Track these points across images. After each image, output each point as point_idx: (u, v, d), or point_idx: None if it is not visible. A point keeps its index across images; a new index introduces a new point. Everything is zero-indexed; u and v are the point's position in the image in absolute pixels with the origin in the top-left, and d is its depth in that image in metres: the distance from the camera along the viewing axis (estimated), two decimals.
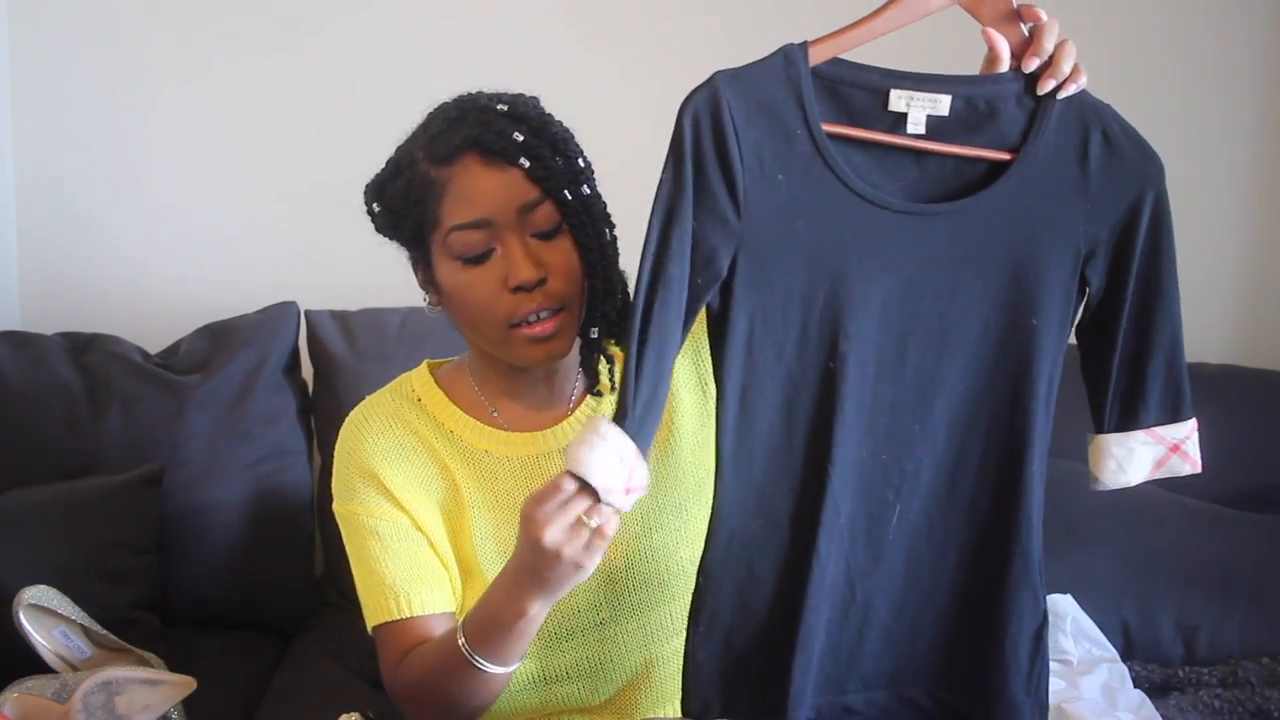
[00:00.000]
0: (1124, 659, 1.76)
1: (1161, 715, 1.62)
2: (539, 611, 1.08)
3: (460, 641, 1.11)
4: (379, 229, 1.23)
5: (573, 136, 1.21)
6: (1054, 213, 1.04)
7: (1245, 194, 2.27)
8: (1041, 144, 1.03)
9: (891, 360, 1.06)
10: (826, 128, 1.02)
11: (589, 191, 1.19)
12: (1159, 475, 1.12)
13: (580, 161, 1.19)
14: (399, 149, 1.20)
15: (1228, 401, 1.95)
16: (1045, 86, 1.03)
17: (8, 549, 1.70)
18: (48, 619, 1.58)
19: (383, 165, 1.22)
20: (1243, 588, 1.83)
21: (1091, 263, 1.06)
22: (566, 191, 1.16)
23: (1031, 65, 1.03)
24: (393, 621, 1.21)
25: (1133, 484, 1.12)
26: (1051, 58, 1.03)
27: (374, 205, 1.21)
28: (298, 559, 2.01)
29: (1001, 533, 1.10)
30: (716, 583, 1.09)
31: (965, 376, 1.07)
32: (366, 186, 1.23)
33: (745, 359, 1.05)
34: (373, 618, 1.23)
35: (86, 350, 2.03)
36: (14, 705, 1.44)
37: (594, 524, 1.01)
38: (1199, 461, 1.12)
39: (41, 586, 1.60)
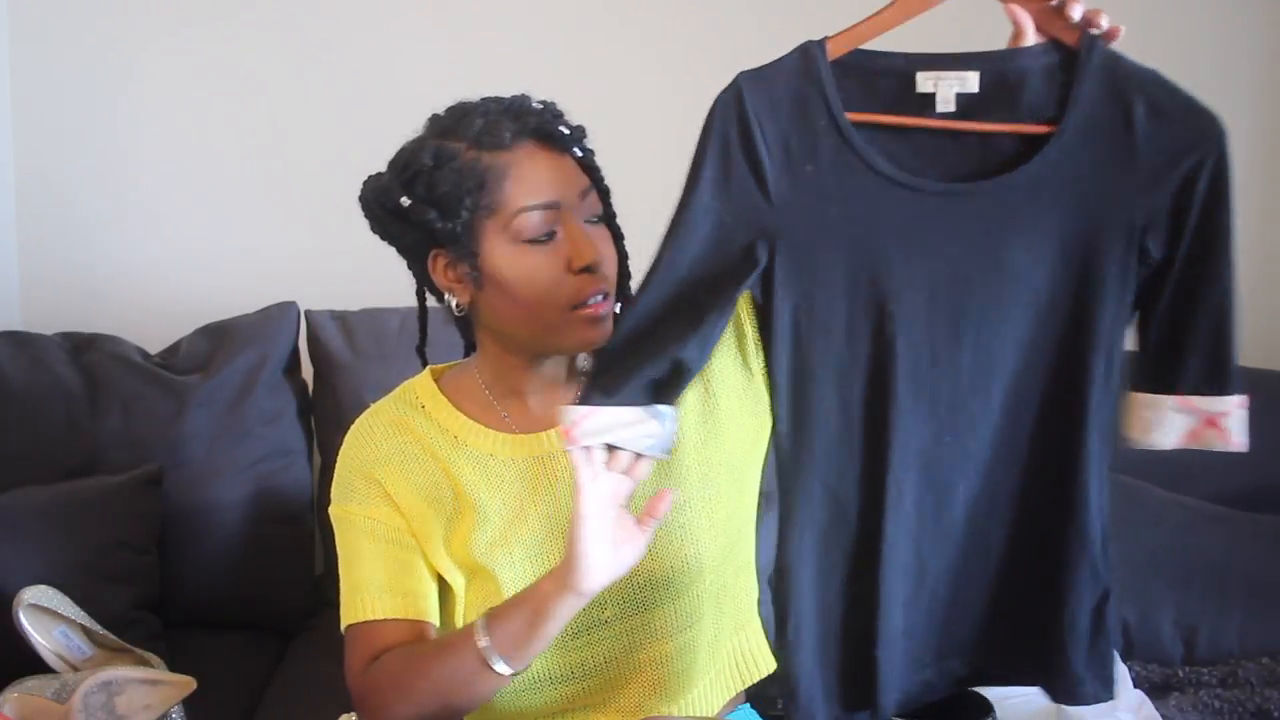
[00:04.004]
0: (1124, 659, 1.76)
1: (1161, 715, 1.62)
2: (556, 604, 1.10)
3: (479, 638, 1.13)
4: (399, 225, 1.20)
5: None
6: (1102, 185, 1.03)
7: (1245, 194, 2.26)
8: (1079, 115, 1.02)
9: (946, 343, 1.06)
10: (853, 116, 1.03)
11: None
12: (1193, 446, 1.09)
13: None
14: (418, 151, 1.18)
15: None
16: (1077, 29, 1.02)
17: (8, 549, 1.70)
18: (48, 619, 1.58)
19: (387, 170, 1.21)
20: (1242, 588, 1.83)
21: (1151, 234, 1.04)
22: (603, 180, 1.21)
23: (1075, 11, 1.02)
24: (373, 621, 1.22)
25: (1160, 448, 1.09)
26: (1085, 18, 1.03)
27: (402, 199, 1.17)
28: (298, 559, 2.01)
29: (1057, 509, 1.09)
30: (795, 579, 1.09)
31: (1020, 354, 1.06)
32: (379, 187, 1.20)
33: (793, 350, 1.07)
34: (355, 614, 1.23)
35: (86, 350, 2.03)
36: (14, 705, 1.45)
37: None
38: (1242, 442, 1.08)
39: (41, 586, 1.60)
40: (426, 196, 1.17)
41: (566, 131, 1.18)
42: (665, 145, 2.19)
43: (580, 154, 1.19)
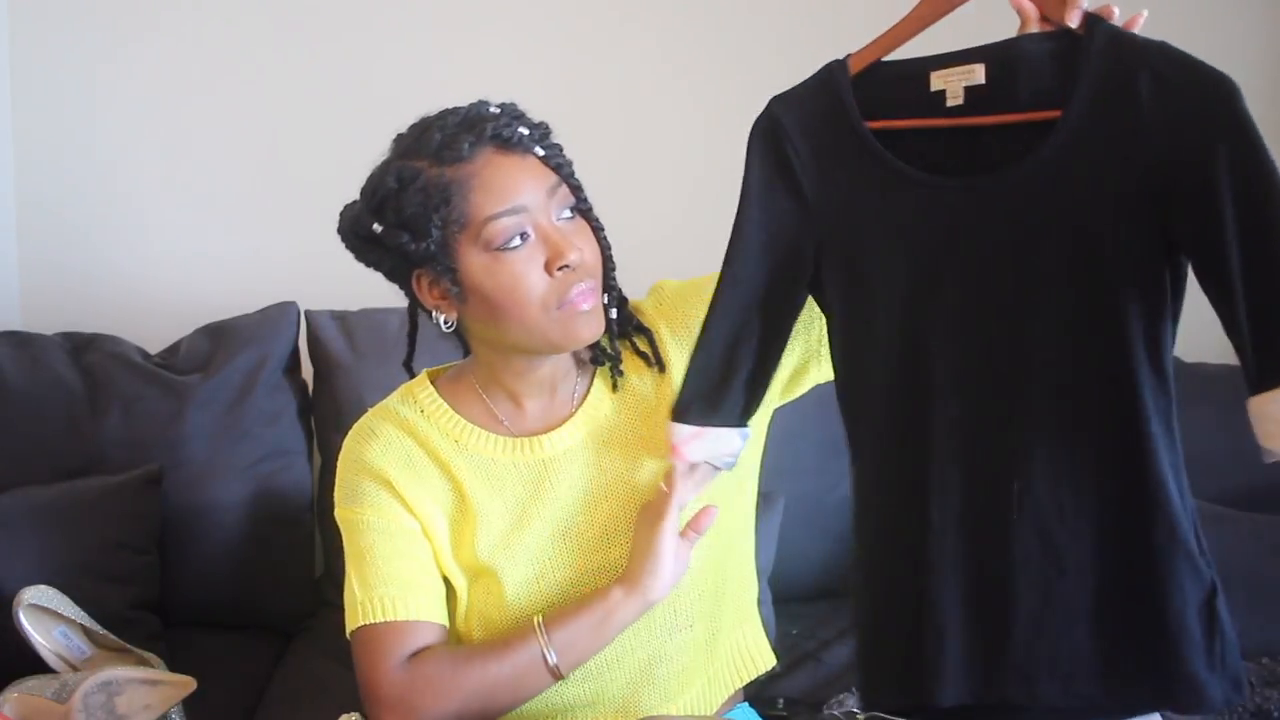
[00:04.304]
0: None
1: (1161, 715, 1.62)
2: (625, 611, 1.19)
3: (540, 640, 1.18)
4: (377, 251, 1.20)
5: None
6: (1113, 162, 1.00)
7: None
8: (1083, 96, 1.00)
9: (976, 337, 1.06)
10: (872, 125, 1.08)
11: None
12: None
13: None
14: (383, 175, 1.18)
15: (1228, 401, 1.92)
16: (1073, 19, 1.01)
17: (8, 549, 1.70)
18: (48, 619, 1.58)
19: (359, 199, 1.21)
20: (1242, 588, 1.82)
21: (1172, 208, 0.99)
22: (572, 174, 1.21)
23: (1074, 19, 1.01)
24: (397, 622, 1.22)
25: None
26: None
27: (374, 225, 1.18)
28: (298, 559, 2.01)
29: (1135, 503, 1.04)
30: (864, 568, 1.15)
31: (1054, 345, 1.04)
32: (352, 217, 1.21)
33: (842, 345, 1.14)
34: (374, 614, 1.23)
35: (86, 350, 2.03)
36: (14, 705, 1.45)
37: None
38: None
39: (41, 586, 1.60)
40: (396, 220, 1.17)
41: (526, 131, 1.18)
42: (664, 142, 2.20)
43: (543, 152, 1.19)
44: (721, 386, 1.16)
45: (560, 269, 1.17)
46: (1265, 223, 0.96)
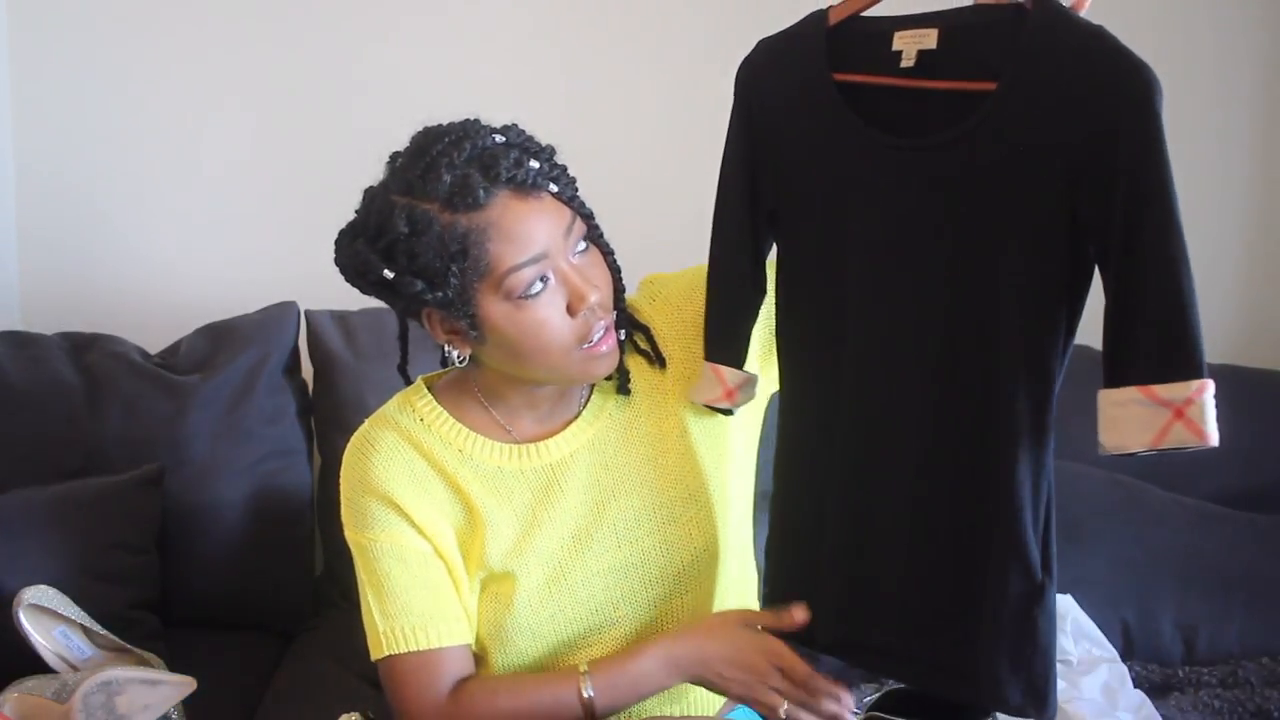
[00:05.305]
0: (1124, 659, 1.76)
1: (1161, 715, 1.62)
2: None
3: (583, 686, 1.18)
4: (386, 294, 1.18)
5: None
6: (1034, 141, 1.01)
7: (1245, 194, 2.27)
8: (1017, 71, 1.01)
9: (889, 295, 1.10)
10: (838, 77, 1.11)
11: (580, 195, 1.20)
12: (1167, 446, 0.97)
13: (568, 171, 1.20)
14: (389, 215, 1.13)
15: (1228, 401, 1.93)
16: None
17: (8, 549, 1.70)
18: (48, 619, 1.58)
19: (358, 234, 1.16)
20: (1242, 588, 1.83)
21: (1078, 192, 0.99)
22: (583, 204, 1.18)
23: None
24: (421, 651, 1.21)
25: (1131, 451, 0.98)
26: None
27: (385, 271, 1.14)
28: (298, 559, 2.01)
29: (980, 493, 1.07)
30: (774, 507, 1.24)
31: (947, 309, 1.07)
32: (357, 259, 1.16)
33: (786, 283, 1.19)
34: (398, 645, 1.22)
35: (86, 350, 2.03)
36: (14, 705, 1.45)
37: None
38: (1210, 434, 0.96)
39: (41, 586, 1.60)
40: (409, 266, 1.13)
41: (537, 166, 1.14)
42: (661, 142, 2.20)
43: (556, 189, 1.15)
44: (735, 336, 1.23)
45: (583, 312, 1.15)
46: (1141, 225, 0.97)
